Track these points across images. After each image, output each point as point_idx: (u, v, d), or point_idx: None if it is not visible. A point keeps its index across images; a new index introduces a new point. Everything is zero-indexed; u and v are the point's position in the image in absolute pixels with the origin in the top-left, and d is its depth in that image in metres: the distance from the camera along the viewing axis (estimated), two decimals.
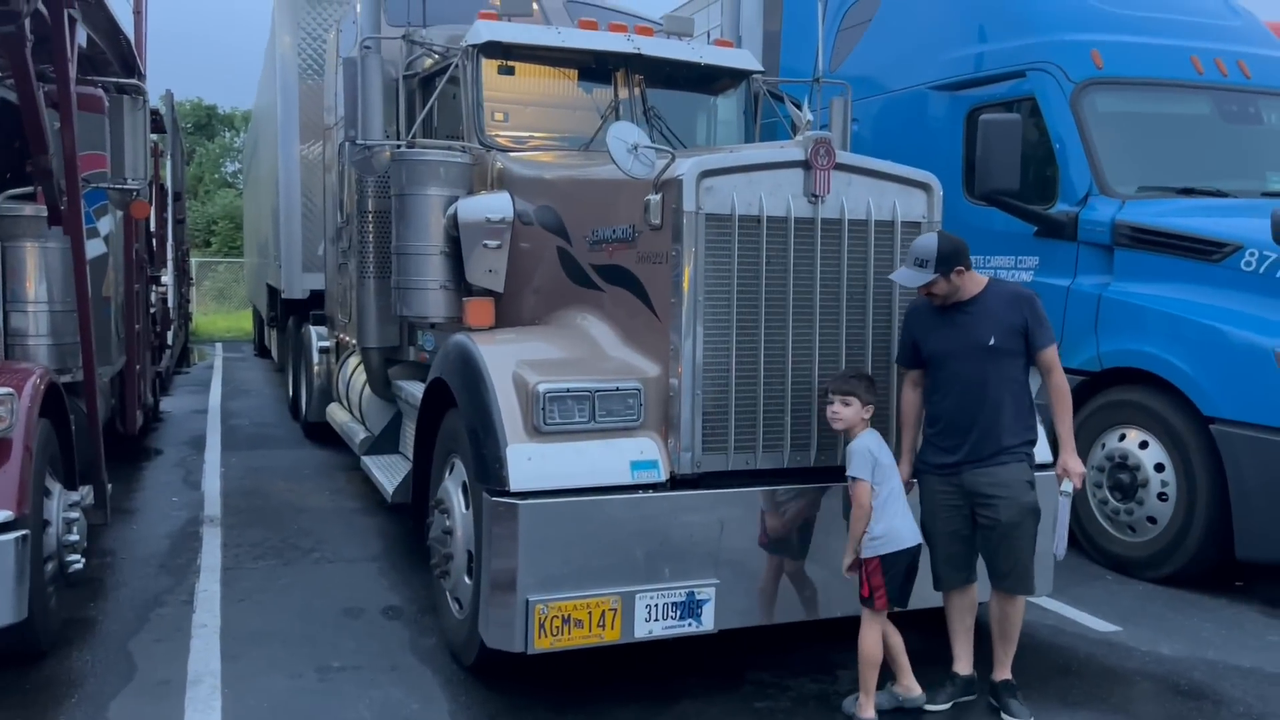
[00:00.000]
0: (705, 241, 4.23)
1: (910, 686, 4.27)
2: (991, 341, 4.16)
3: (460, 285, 5.70)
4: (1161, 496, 5.97)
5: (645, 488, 4.19)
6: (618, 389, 4.24)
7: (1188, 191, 6.68)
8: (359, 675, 4.57)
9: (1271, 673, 4.82)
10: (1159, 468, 5.99)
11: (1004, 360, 4.19)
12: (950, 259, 4.14)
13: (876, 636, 4.14)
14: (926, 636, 4.64)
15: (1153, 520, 6.01)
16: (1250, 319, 5.75)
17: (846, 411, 4.16)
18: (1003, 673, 4.34)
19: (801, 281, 4.39)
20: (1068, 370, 6.41)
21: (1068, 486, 4.23)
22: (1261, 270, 5.85)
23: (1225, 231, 6.08)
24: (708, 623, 4.22)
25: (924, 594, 4.41)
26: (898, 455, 4.34)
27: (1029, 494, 4.18)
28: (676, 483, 4.25)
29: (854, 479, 4.12)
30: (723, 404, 4.31)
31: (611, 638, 4.09)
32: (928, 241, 4.20)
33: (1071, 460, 4.22)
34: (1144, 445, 6.07)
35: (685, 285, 4.21)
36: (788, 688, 4.53)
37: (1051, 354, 4.28)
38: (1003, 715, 4.25)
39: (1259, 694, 4.58)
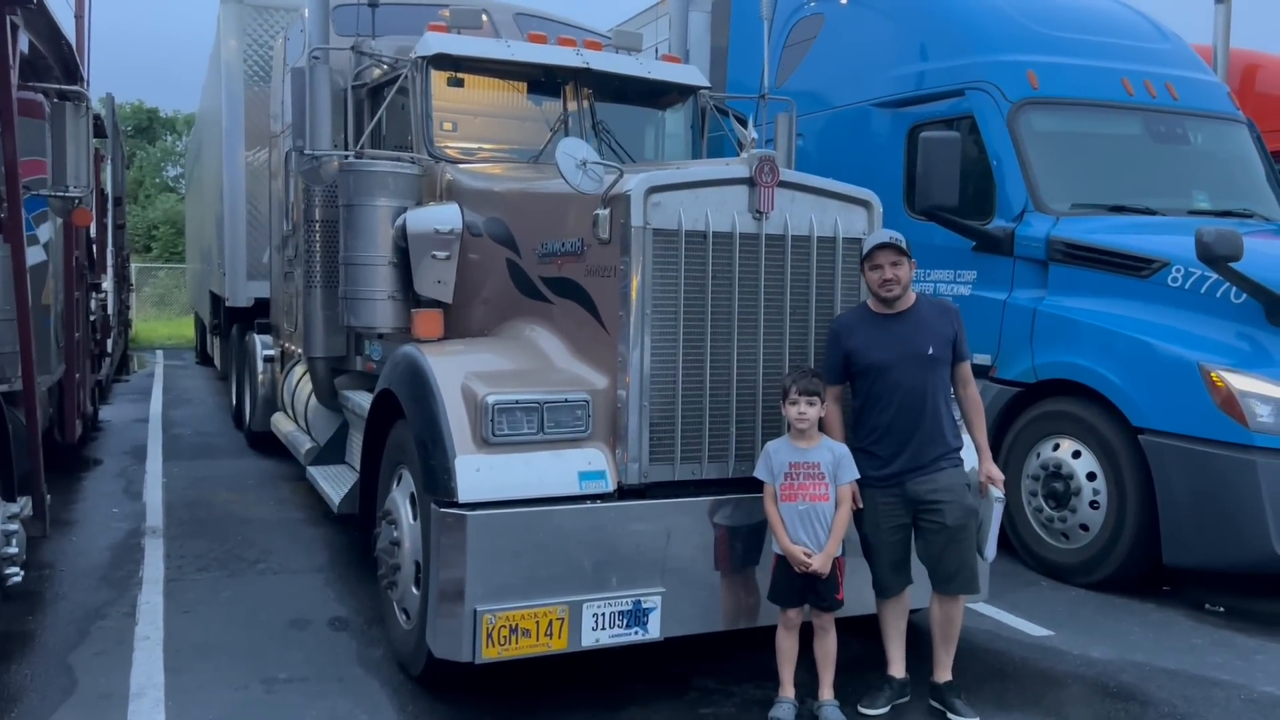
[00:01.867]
0: (652, 256, 4.31)
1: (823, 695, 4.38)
2: (930, 350, 4.32)
3: (408, 296, 5.72)
4: (1093, 504, 6.16)
5: (593, 498, 4.25)
6: (566, 400, 4.30)
7: (1119, 209, 6.92)
8: (306, 687, 4.56)
9: (1195, 674, 5.00)
10: (1091, 476, 6.19)
11: (940, 369, 4.36)
12: (911, 252, 4.35)
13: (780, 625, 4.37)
14: (869, 642, 4.75)
15: (1085, 528, 6.21)
16: (1177, 333, 5.97)
17: (813, 410, 4.25)
18: (945, 674, 4.46)
19: (746, 295, 4.48)
20: (1005, 381, 6.68)
21: (998, 494, 4.39)
22: (1187, 286, 6.08)
23: (1154, 248, 6.30)
24: (654, 631, 4.28)
25: (865, 599, 4.53)
26: None
27: (969, 497, 4.36)
28: (624, 493, 4.32)
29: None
30: (669, 415, 4.38)
31: (559, 647, 4.13)
32: (894, 231, 4.39)
33: (993, 469, 4.47)
34: (1077, 455, 6.26)
35: (633, 298, 4.28)
36: (732, 693, 4.61)
37: (969, 366, 4.52)
38: (948, 716, 4.37)
39: (1183, 695, 4.75)
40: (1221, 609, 5.94)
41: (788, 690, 4.35)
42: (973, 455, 4.53)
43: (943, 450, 4.34)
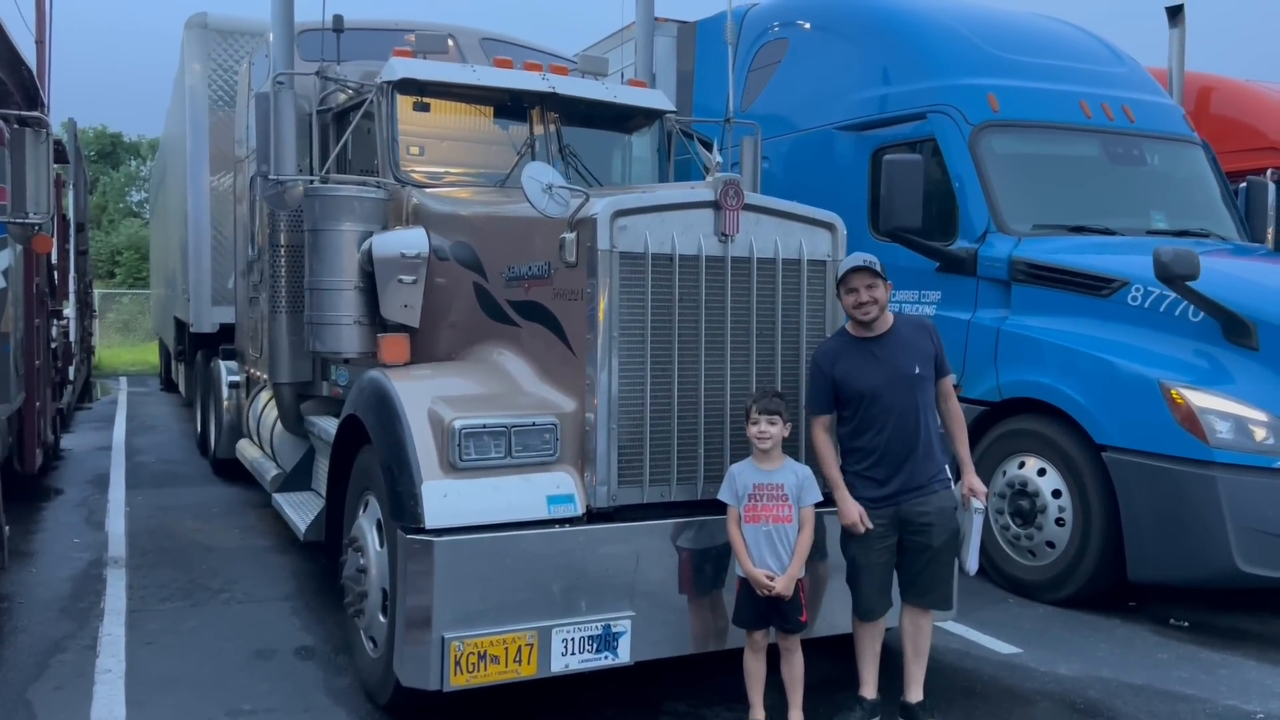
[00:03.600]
0: (619, 279, 4.32)
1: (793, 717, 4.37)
2: (917, 370, 4.36)
3: (374, 320, 5.70)
4: (1059, 522, 6.22)
5: (561, 522, 4.24)
6: (534, 424, 4.29)
7: (1079, 229, 7.03)
8: (271, 718, 4.50)
9: (1161, 689, 5.05)
10: (1056, 494, 6.25)
11: (926, 387, 4.41)
12: (885, 273, 4.38)
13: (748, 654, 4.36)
14: (839, 662, 4.75)
15: (1051, 545, 6.26)
16: (1137, 351, 6.06)
17: (774, 430, 4.25)
18: (917, 693, 4.47)
19: (713, 318, 4.50)
20: (971, 400, 6.74)
21: (979, 505, 4.43)
22: (1147, 305, 6.18)
23: (1113, 268, 6.41)
24: (624, 655, 4.27)
25: (832, 620, 4.54)
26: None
27: (955, 518, 4.41)
28: (592, 516, 4.31)
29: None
30: (638, 438, 4.38)
31: (528, 673, 4.11)
32: (868, 254, 4.41)
33: (976, 481, 4.49)
34: (1042, 472, 6.33)
35: (600, 321, 4.29)
36: (703, 716, 4.60)
37: (950, 381, 4.55)
38: None
39: (1149, 710, 4.79)
40: (1186, 623, 6.01)
41: (758, 712, 4.34)
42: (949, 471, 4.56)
43: (935, 471, 4.40)
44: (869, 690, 4.49)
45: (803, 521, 4.27)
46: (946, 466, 4.51)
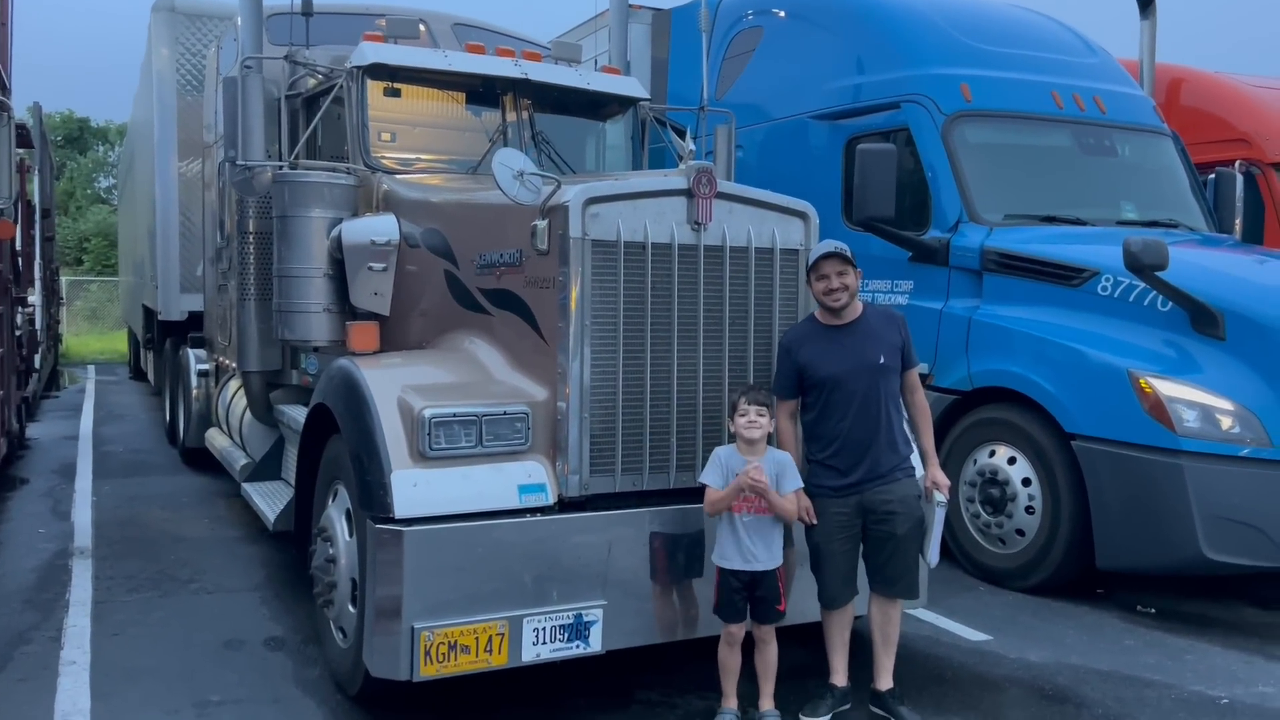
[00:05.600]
0: (591, 267, 4.29)
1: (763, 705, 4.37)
2: (882, 360, 4.37)
3: (344, 308, 5.64)
4: (1029, 510, 6.26)
5: (533, 511, 4.22)
6: (505, 413, 4.26)
7: (1050, 219, 7.07)
8: (240, 709, 4.45)
9: (1128, 675, 5.09)
10: (1026, 482, 6.29)
11: (891, 377, 4.42)
12: (856, 262, 4.38)
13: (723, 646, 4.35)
14: (811, 650, 4.77)
15: (1021, 533, 6.31)
16: (1107, 340, 6.10)
17: (764, 420, 4.24)
18: (886, 681, 4.49)
19: (685, 306, 4.49)
20: (942, 389, 6.77)
21: (941, 498, 4.45)
22: (1116, 294, 6.22)
23: (1084, 258, 6.44)
24: (595, 644, 4.26)
25: (804, 608, 4.54)
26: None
27: (920, 507, 4.42)
28: (564, 505, 4.29)
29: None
30: (610, 426, 4.37)
31: (499, 662, 4.09)
32: (839, 241, 4.42)
33: (940, 474, 4.51)
34: (1012, 461, 6.37)
35: (572, 309, 4.26)
36: (675, 705, 4.60)
37: (917, 373, 4.58)
38: None
39: (1116, 696, 4.84)
40: (1153, 610, 6.07)
41: (730, 701, 4.35)
42: (919, 461, 4.58)
43: (898, 460, 4.40)
44: (839, 678, 4.51)
45: (786, 507, 4.27)
46: (912, 457, 4.52)
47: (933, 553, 4.49)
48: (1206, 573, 5.79)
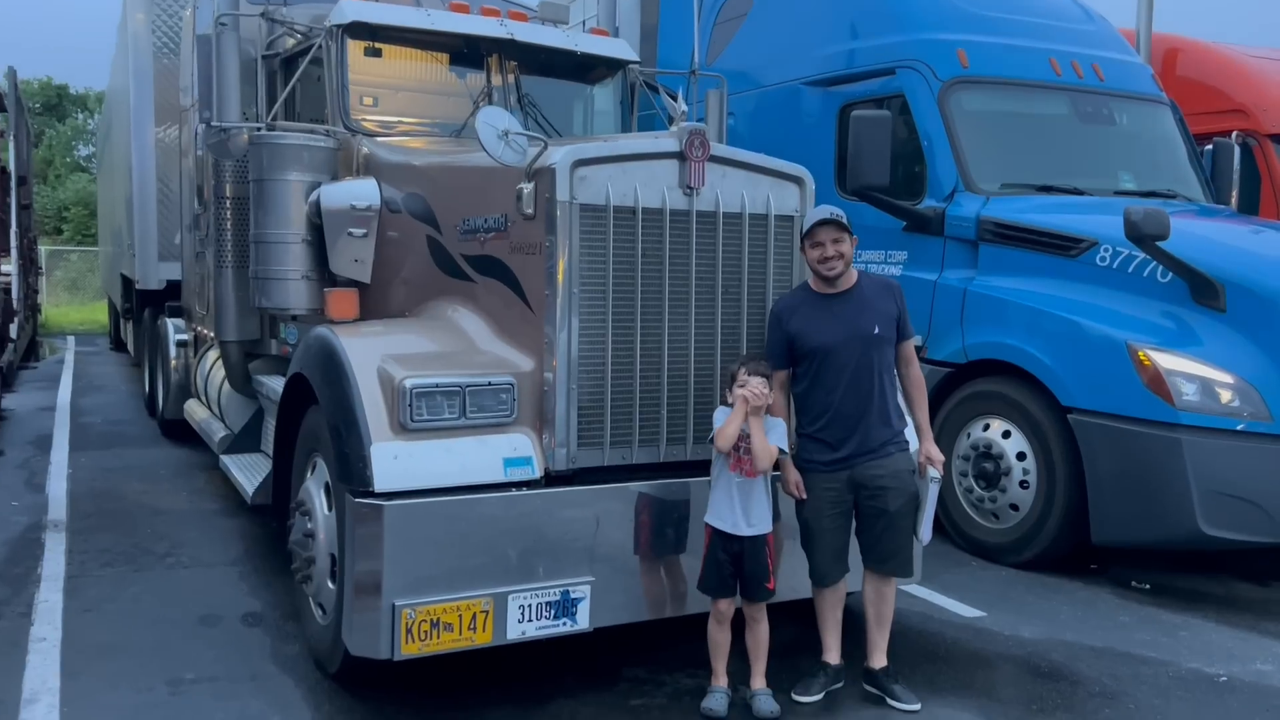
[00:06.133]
0: (580, 232, 4.13)
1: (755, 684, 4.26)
2: (876, 330, 4.21)
3: (323, 275, 5.47)
4: (1023, 484, 6.16)
5: (518, 485, 4.08)
6: (490, 384, 4.11)
7: (1047, 189, 6.93)
8: (215, 687, 4.32)
9: (1122, 651, 5.01)
10: (1021, 456, 6.19)
11: (885, 349, 4.27)
12: (851, 228, 4.23)
13: (712, 624, 4.22)
14: (803, 627, 4.66)
15: (1015, 507, 6.21)
16: (1105, 312, 5.98)
17: (766, 391, 4.10)
18: (880, 659, 4.38)
19: (677, 273, 4.34)
20: (936, 362, 6.65)
21: (935, 474, 4.32)
22: (1115, 265, 6.10)
23: (1082, 228, 6.32)
24: (583, 621, 4.13)
25: (794, 584, 4.43)
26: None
27: (913, 482, 4.29)
28: (551, 479, 4.15)
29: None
30: (598, 398, 4.23)
31: (483, 640, 3.96)
32: (834, 207, 4.25)
33: (934, 449, 4.37)
34: (1007, 435, 6.26)
35: (559, 277, 4.11)
36: (663, 683, 4.49)
37: (913, 345, 4.44)
38: (888, 702, 4.28)
39: (1112, 673, 4.75)
40: (1147, 586, 5.99)
41: (720, 680, 4.24)
42: (913, 435, 4.45)
43: (891, 434, 4.27)
44: (832, 655, 4.41)
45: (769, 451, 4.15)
46: (906, 431, 4.38)
47: (925, 529, 4.36)
48: (1203, 548, 5.72)
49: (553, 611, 4.10)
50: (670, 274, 4.31)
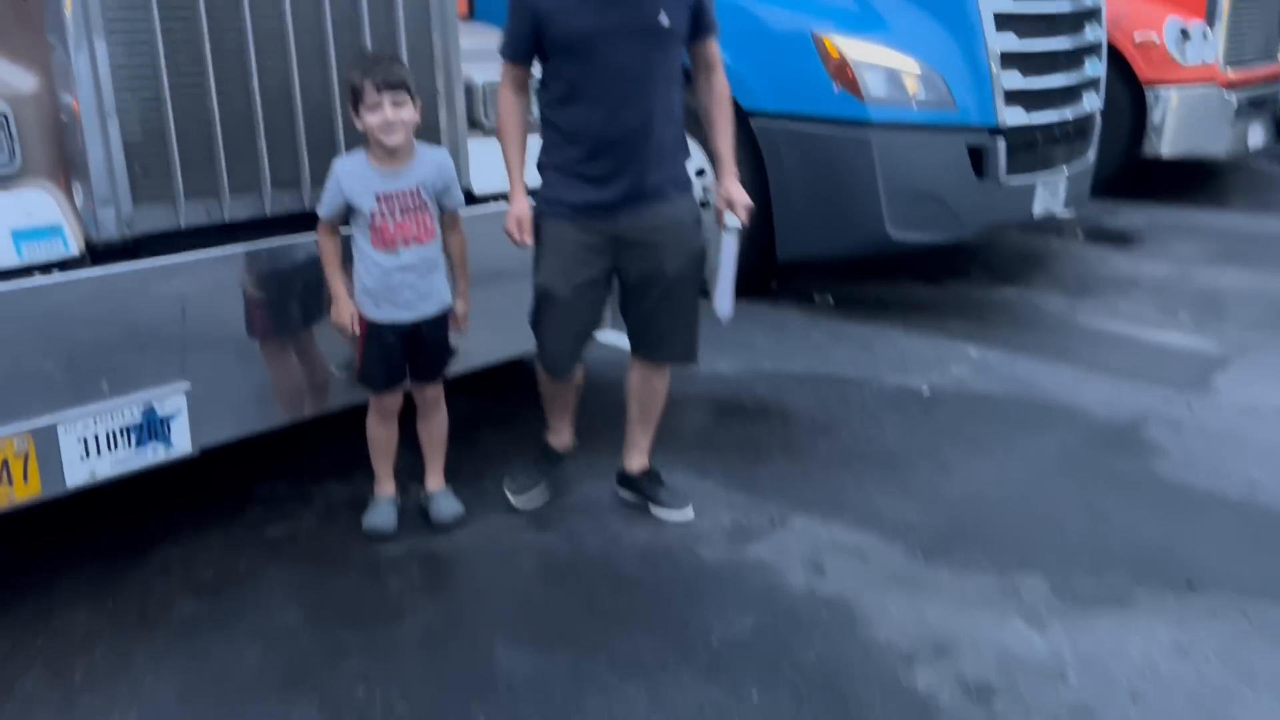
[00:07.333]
0: None
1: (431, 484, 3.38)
2: (664, 20, 2.94)
3: None
4: (702, 203, 5.51)
5: (47, 268, 2.73)
6: None
7: None
8: None
9: (824, 374, 4.65)
10: (700, 173, 5.48)
11: (671, 51, 3.02)
12: None
13: (374, 421, 3.23)
14: (485, 400, 3.79)
15: None
16: None
17: (405, 114, 2.92)
18: (641, 460, 3.46)
19: None
20: None
21: (733, 222, 3.15)
22: None
23: None
24: (182, 444, 2.99)
25: (485, 345, 3.49)
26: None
27: (698, 235, 3.21)
28: (98, 255, 2.83)
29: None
30: (156, 126, 2.87)
31: (28, 494, 2.73)
32: None
33: (737, 189, 3.17)
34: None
35: None
36: (309, 498, 3.51)
37: (716, 45, 3.19)
38: (654, 510, 3.41)
39: (820, 399, 4.37)
40: (830, 299, 5.69)
41: (386, 486, 3.31)
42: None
43: (672, 171, 3.13)
44: (560, 438, 3.53)
45: (452, 227, 3.11)
46: (689, 166, 3.24)
47: (724, 300, 3.26)
48: (890, 252, 5.40)
49: (135, 436, 2.91)
50: None
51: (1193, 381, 4.52)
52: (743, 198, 3.16)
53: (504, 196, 3.24)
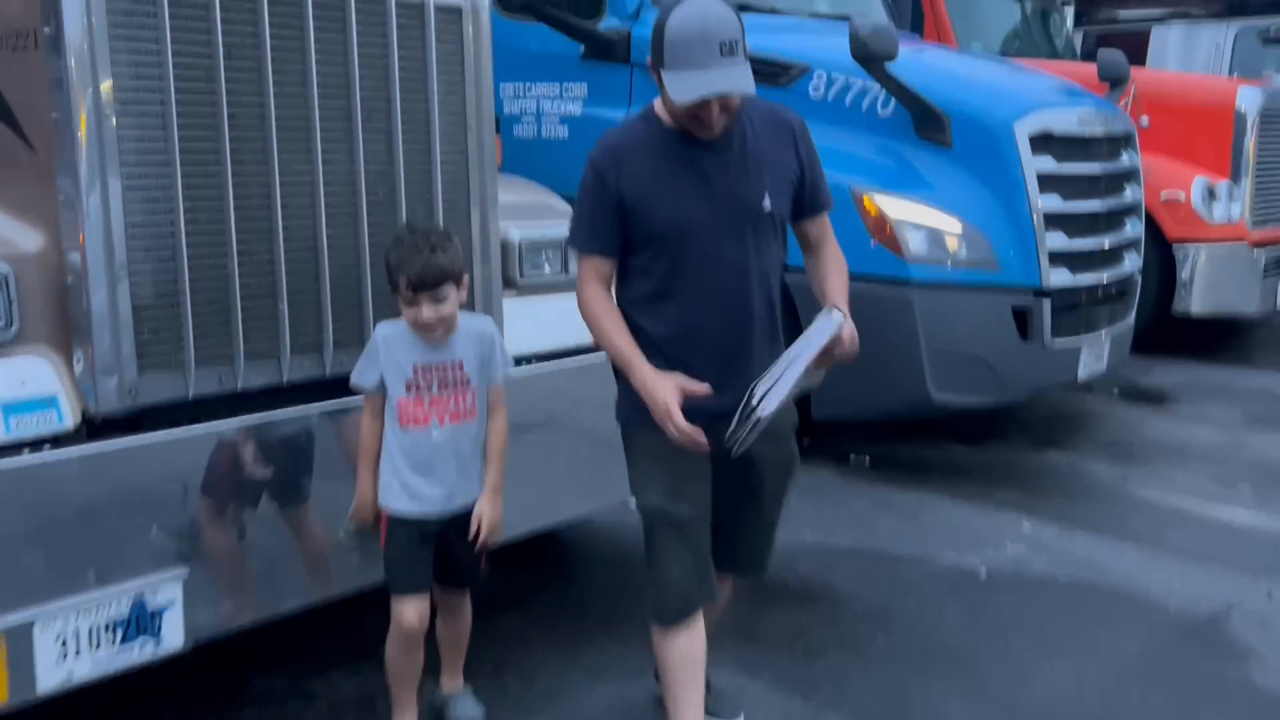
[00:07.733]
0: (107, 9, 2.44)
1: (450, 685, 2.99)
2: (767, 204, 2.54)
3: None
4: None
5: (36, 445, 2.44)
6: None
7: (744, 8, 5.85)
8: None
9: (871, 551, 4.33)
10: None
11: (773, 239, 2.63)
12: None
13: (395, 644, 2.77)
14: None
15: None
16: (822, 151, 5.07)
17: (447, 308, 2.61)
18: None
19: (286, 80, 2.76)
20: None
21: (837, 316, 2.59)
22: (830, 95, 5.24)
23: (791, 50, 5.36)
24: (173, 639, 2.63)
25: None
26: None
27: (794, 445, 2.82)
28: (95, 428, 2.54)
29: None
30: (170, 287, 2.62)
31: None
32: (720, 10, 2.38)
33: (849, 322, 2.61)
34: None
35: (74, 82, 2.41)
36: (313, 693, 3.12)
37: (826, 218, 2.76)
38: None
39: (870, 581, 4.01)
40: (867, 459, 5.38)
41: (408, 715, 2.84)
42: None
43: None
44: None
45: (492, 407, 2.77)
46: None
47: (775, 395, 2.37)
48: (932, 415, 5.15)
49: (121, 632, 2.56)
50: (275, 79, 2.73)
51: (1267, 566, 4.19)
52: (853, 331, 2.64)
53: (538, 358, 3.01)
